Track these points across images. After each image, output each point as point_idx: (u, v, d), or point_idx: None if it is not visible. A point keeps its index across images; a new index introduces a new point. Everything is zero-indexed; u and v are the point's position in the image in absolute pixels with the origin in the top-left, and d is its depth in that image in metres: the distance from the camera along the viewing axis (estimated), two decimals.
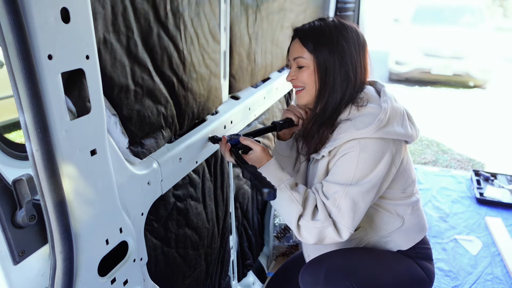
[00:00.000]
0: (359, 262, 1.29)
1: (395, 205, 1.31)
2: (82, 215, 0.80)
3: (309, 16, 2.32)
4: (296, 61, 1.23)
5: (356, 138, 1.12)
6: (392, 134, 1.14)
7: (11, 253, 0.72)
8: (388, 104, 1.18)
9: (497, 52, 7.25)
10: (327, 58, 1.17)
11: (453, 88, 7.19)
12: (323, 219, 1.11)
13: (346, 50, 1.17)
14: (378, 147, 1.13)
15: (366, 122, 1.13)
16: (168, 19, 1.07)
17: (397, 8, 10.84)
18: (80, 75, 0.75)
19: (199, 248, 1.46)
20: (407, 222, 1.33)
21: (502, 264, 2.27)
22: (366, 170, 1.12)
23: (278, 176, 1.16)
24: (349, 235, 1.13)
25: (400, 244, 1.35)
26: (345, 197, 1.11)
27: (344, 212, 1.12)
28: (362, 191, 1.13)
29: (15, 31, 0.58)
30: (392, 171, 1.21)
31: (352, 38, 1.19)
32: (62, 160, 0.72)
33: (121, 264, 0.96)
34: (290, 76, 1.26)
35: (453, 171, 3.51)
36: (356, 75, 1.19)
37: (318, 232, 1.12)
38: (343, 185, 1.12)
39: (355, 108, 1.19)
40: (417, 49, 7.24)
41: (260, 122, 1.88)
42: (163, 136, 1.13)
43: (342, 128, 1.17)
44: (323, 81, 1.19)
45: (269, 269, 2.22)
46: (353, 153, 1.12)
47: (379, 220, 1.32)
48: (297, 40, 1.23)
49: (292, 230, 1.16)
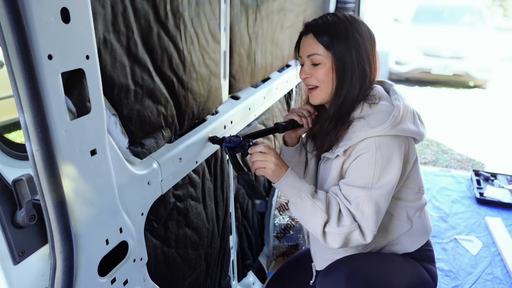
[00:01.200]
0: (377, 268, 1.27)
1: (408, 207, 1.30)
2: (82, 215, 0.80)
3: (309, 16, 2.32)
4: (310, 58, 1.19)
5: (371, 137, 1.10)
6: (406, 132, 1.13)
7: (11, 253, 0.71)
8: (400, 102, 1.16)
9: (497, 52, 7.24)
10: (345, 54, 1.14)
11: (453, 88, 7.19)
12: (349, 224, 1.11)
13: (361, 44, 1.15)
14: (393, 144, 1.12)
15: (380, 119, 1.12)
16: (168, 19, 1.07)
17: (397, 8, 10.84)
18: (80, 75, 0.75)
19: (199, 248, 1.46)
20: (414, 225, 1.33)
21: (502, 264, 2.27)
22: (385, 169, 1.11)
23: (298, 186, 1.15)
24: (373, 236, 1.13)
25: (407, 247, 1.35)
26: (368, 202, 1.11)
27: (368, 216, 1.11)
28: (383, 193, 1.12)
29: (15, 31, 0.58)
30: (407, 168, 1.21)
31: (365, 32, 1.17)
32: (62, 160, 0.72)
33: (121, 264, 0.96)
34: (304, 73, 1.22)
35: (453, 171, 3.51)
36: (371, 69, 1.18)
37: (344, 237, 1.12)
38: (365, 188, 1.11)
39: (367, 105, 1.17)
40: (417, 49, 7.24)
41: (260, 122, 1.88)
42: (163, 136, 1.13)
43: (356, 127, 1.15)
44: (341, 77, 1.16)
45: (269, 269, 2.22)
46: (370, 153, 1.10)
47: (389, 225, 1.31)
48: (310, 35, 1.19)
49: (317, 237, 1.15)
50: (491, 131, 5.02)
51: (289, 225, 2.22)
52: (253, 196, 0.97)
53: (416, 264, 1.34)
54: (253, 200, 0.96)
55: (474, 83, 7.19)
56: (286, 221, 2.22)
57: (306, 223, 1.17)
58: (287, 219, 2.22)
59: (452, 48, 7.02)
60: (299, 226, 2.22)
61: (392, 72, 7.51)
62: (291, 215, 2.23)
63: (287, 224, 2.22)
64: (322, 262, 1.40)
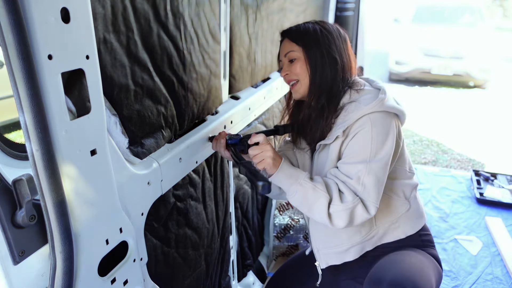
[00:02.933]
0: (409, 268, 1.25)
1: (404, 186, 1.37)
2: (82, 215, 0.80)
3: (309, 16, 2.33)
4: (287, 56, 1.32)
5: (366, 114, 1.19)
6: (394, 109, 1.23)
7: (11, 253, 0.71)
8: (382, 85, 1.30)
9: (497, 52, 7.24)
10: (315, 47, 1.28)
11: (453, 88, 7.19)
12: (352, 199, 1.16)
13: (330, 39, 1.28)
14: (386, 119, 1.21)
15: (370, 98, 1.24)
16: (168, 19, 1.07)
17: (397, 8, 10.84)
18: (80, 75, 0.75)
19: (199, 248, 1.46)
20: (412, 206, 1.39)
21: (502, 264, 2.27)
22: (381, 143, 1.19)
23: (295, 174, 1.21)
24: (376, 210, 1.19)
25: (407, 230, 1.39)
26: (368, 174, 1.17)
27: (370, 188, 1.17)
28: (382, 166, 1.19)
29: (15, 31, 0.58)
30: (400, 143, 1.31)
31: (334, 30, 1.31)
32: (62, 160, 0.72)
33: (121, 264, 0.96)
34: (284, 71, 1.34)
35: (453, 171, 3.51)
36: (342, 58, 1.29)
37: (349, 213, 1.16)
38: (364, 162, 1.18)
39: (354, 92, 1.29)
40: (417, 49, 7.24)
41: (260, 122, 1.88)
42: (163, 136, 1.13)
43: (349, 109, 1.25)
44: (313, 67, 1.28)
45: (269, 269, 2.22)
46: (366, 129, 1.19)
47: (390, 205, 1.36)
48: (286, 39, 1.34)
49: (323, 221, 1.19)
50: (491, 131, 5.02)
51: (289, 225, 2.22)
52: (255, 179, 0.99)
53: (424, 253, 1.37)
54: (256, 183, 0.98)
55: (474, 83, 7.18)
56: (286, 221, 2.22)
57: (310, 209, 1.20)
58: (287, 219, 2.22)
59: (452, 48, 7.02)
60: (299, 226, 2.22)
61: (392, 72, 7.51)
62: (291, 215, 2.23)
63: (287, 224, 2.22)
64: (326, 257, 1.41)
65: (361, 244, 1.37)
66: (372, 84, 1.34)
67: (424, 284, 1.18)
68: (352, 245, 1.36)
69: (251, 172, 1.04)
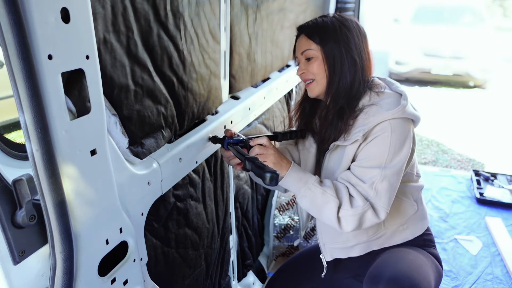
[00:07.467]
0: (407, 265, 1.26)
1: (412, 188, 1.38)
2: (82, 215, 0.80)
3: (309, 16, 2.32)
4: (304, 54, 1.28)
5: (387, 120, 1.18)
6: (412, 115, 1.22)
7: (11, 253, 0.71)
8: (403, 89, 1.28)
9: (497, 52, 7.25)
10: (334, 46, 1.23)
11: (453, 88, 7.19)
12: (362, 204, 1.15)
13: (349, 37, 1.24)
14: (405, 126, 1.20)
15: (392, 103, 1.22)
16: (168, 19, 1.07)
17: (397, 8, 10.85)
18: (80, 75, 0.75)
19: (199, 248, 1.46)
20: (419, 207, 1.40)
21: (502, 264, 2.27)
22: (398, 149, 1.18)
23: (304, 178, 1.19)
24: (386, 215, 1.18)
25: (414, 231, 1.39)
26: (382, 180, 1.17)
27: (382, 194, 1.17)
28: (396, 172, 1.19)
29: (15, 31, 0.58)
30: (415, 149, 1.31)
31: (354, 27, 1.27)
32: (62, 160, 0.72)
33: (121, 264, 0.96)
34: (300, 70, 1.31)
35: (453, 171, 3.51)
36: (361, 59, 1.26)
37: (358, 218, 1.16)
38: (379, 168, 1.17)
39: (374, 94, 1.26)
40: (417, 49, 7.24)
41: (260, 122, 1.88)
42: (163, 136, 1.13)
43: (370, 112, 1.22)
44: (332, 68, 1.24)
45: (269, 269, 2.22)
46: (385, 134, 1.18)
47: (400, 206, 1.36)
48: (302, 35, 1.30)
49: (332, 224, 1.19)
50: (491, 131, 5.02)
51: (289, 225, 2.22)
52: (262, 172, 0.98)
53: (424, 252, 1.37)
54: (264, 175, 0.97)
55: (474, 83, 7.19)
56: (286, 221, 2.22)
57: (319, 213, 1.19)
58: (287, 219, 2.22)
59: (452, 48, 7.02)
60: (299, 226, 2.22)
61: (392, 72, 7.51)
62: (291, 215, 2.23)
63: (287, 224, 2.22)
64: (332, 251, 1.43)
65: (367, 243, 1.38)
66: (391, 87, 1.32)
67: (422, 281, 1.18)
68: (358, 243, 1.37)
69: (257, 165, 1.02)
